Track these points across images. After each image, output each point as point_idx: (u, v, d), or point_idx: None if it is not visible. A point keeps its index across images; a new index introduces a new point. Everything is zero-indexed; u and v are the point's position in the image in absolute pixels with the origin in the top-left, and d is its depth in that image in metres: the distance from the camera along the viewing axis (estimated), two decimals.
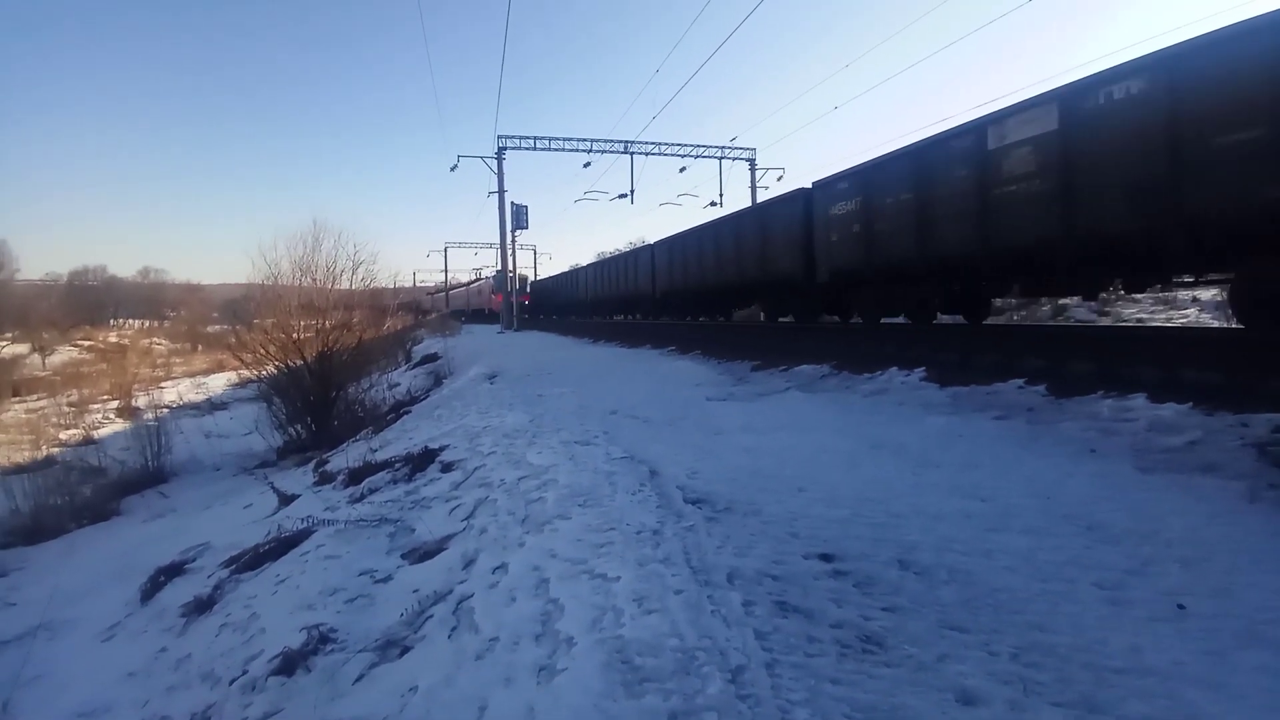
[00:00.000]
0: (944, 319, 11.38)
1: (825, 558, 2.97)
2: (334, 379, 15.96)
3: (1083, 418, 5.00)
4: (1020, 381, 6.01)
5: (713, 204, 31.77)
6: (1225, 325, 8.04)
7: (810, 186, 13.28)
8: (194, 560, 6.93)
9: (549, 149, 31.31)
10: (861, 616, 2.46)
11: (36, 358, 54.41)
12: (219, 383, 35.42)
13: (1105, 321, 12.56)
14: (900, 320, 11.30)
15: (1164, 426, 4.48)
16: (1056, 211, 7.82)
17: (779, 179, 33.57)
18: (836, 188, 12.15)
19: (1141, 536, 3.04)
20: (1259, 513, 3.27)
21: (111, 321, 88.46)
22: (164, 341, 65.44)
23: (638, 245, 36.03)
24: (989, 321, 10.66)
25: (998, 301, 12.26)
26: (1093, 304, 13.61)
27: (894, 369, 7.42)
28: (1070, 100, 7.77)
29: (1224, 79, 6.35)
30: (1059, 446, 4.54)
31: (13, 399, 33.72)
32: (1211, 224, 6.47)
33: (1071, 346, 6.78)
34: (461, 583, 3.41)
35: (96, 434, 21.02)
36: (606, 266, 30.46)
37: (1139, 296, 13.16)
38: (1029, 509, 3.45)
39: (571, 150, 31.35)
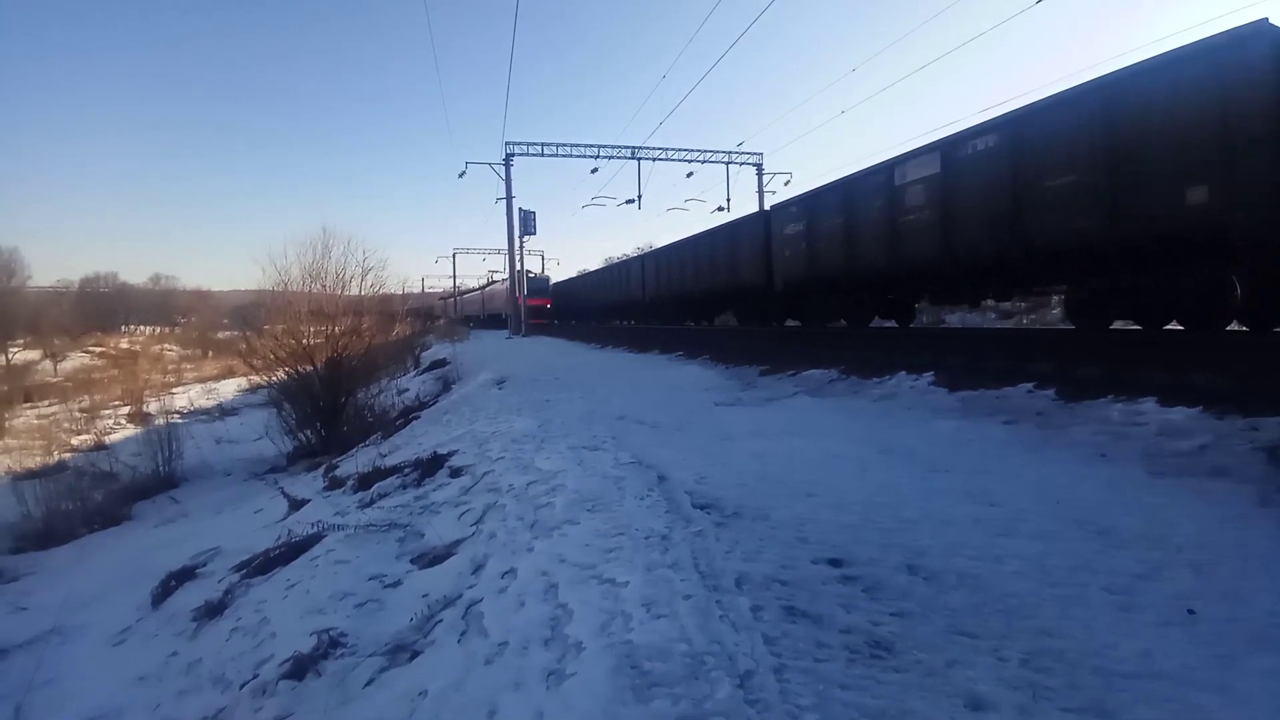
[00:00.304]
0: (954, 323, 12.20)
1: (834, 563, 2.97)
2: (343, 384, 16.01)
3: (1093, 422, 4.98)
4: (1029, 385, 5.99)
5: (720, 209, 31.85)
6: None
7: (769, 209, 16.19)
8: (205, 565, 6.95)
9: (556, 155, 31.48)
10: (870, 622, 2.46)
11: (48, 364, 54.81)
12: (230, 389, 35.57)
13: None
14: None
15: (1174, 430, 4.45)
16: (939, 237, 10.25)
17: (786, 183, 33.62)
18: (788, 211, 14.68)
19: (1152, 541, 3.02)
20: (1270, 517, 3.26)
21: (123, 328, 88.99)
22: (175, 348, 65.86)
23: (645, 249, 36.63)
24: (1001, 326, 12.30)
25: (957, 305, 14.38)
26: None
27: (903, 373, 7.40)
28: (948, 149, 10.15)
29: (1048, 138, 8.68)
30: (1069, 451, 4.53)
31: (25, 405, 33.93)
32: (1041, 248, 8.75)
33: (1081, 350, 6.78)
34: (471, 587, 3.42)
35: (108, 440, 21.12)
36: (615, 272, 31.15)
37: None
38: (1039, 514, 3.44)
39: (579, 156, 31.50)
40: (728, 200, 32.14)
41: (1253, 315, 7.79)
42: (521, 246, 34.33)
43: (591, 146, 31.28)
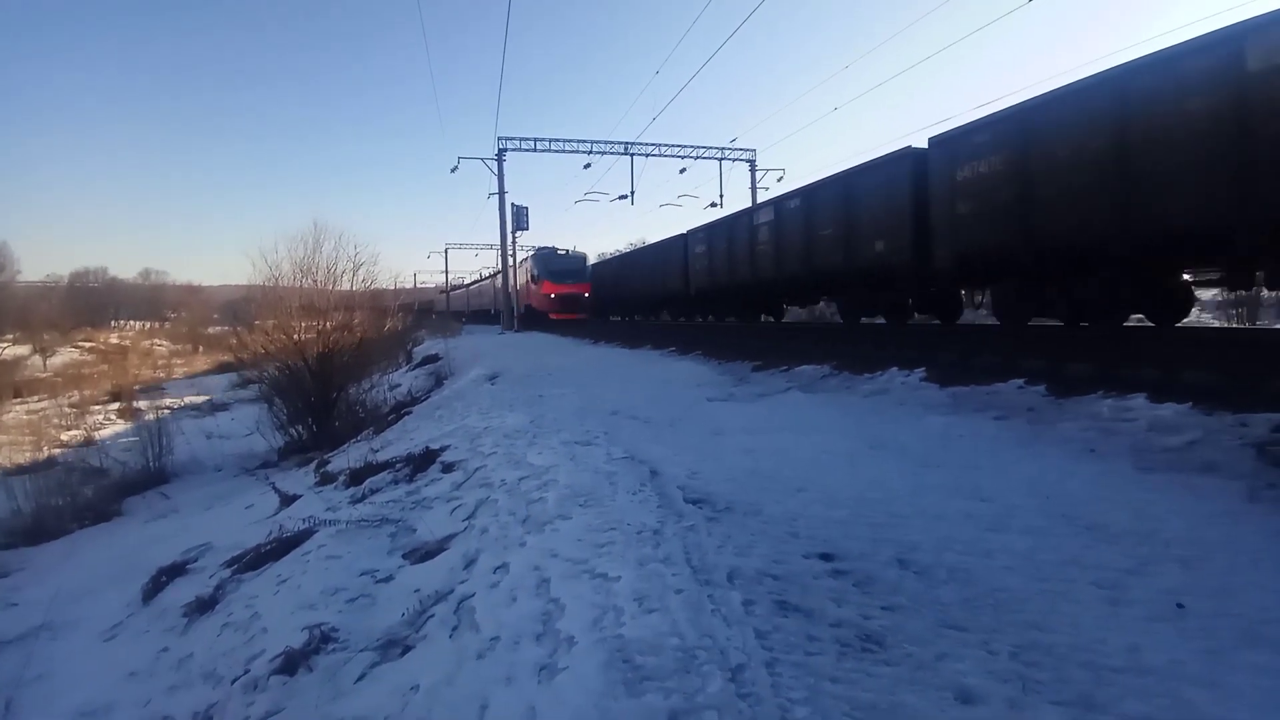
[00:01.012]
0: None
1: (825, 557, 2.98)
2: (335, 380, 15.98)
3: (1083, 417, 5.00)
4: (1020, 381, 6.01)
5: (713, 204, 31.86)
6: (1225, 325, 8.07)
7: (686, 233, 21.00)
8: (196, 560, 6.94)
9: (549, 150, 31.40)
10: (861, 615, 2.47)
11: (38, 359, 54.46)
12: (220, 384, 35.44)
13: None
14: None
15: (1163, 426, 4.48)
16: (775, 263, 15.34)
17: (779, 180, 33.65)
18: (697, 235, 20.01)
19: (1140, 536, 3.04)
20: (1258, 513, 3.28)
21: (112, 323, 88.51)
22: (165, 343, 65.50)
23: (638, 245, 36.54)
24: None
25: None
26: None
27: (894, 369, 7.42)
28: (778, 204, 15.26)
29: (819, 205, 13.69)
30: (1059, 446, 4.55)
31: (14, 400, 33.73)
32: (821, 274, 13.72)
33: (1071, 347, 6.81)
34: (463, 582, 3.42)
35: (98, 435, 21.05)
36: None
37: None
38: (1029, 509, 3.46)
39: (572, 151, 31.44)
40: (720, 196, 32.16)
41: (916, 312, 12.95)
42: (514, 242, 34.29)
43: (584, 142, 31.23)
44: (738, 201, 32.65)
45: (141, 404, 25.30)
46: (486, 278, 52.11)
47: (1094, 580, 2.66)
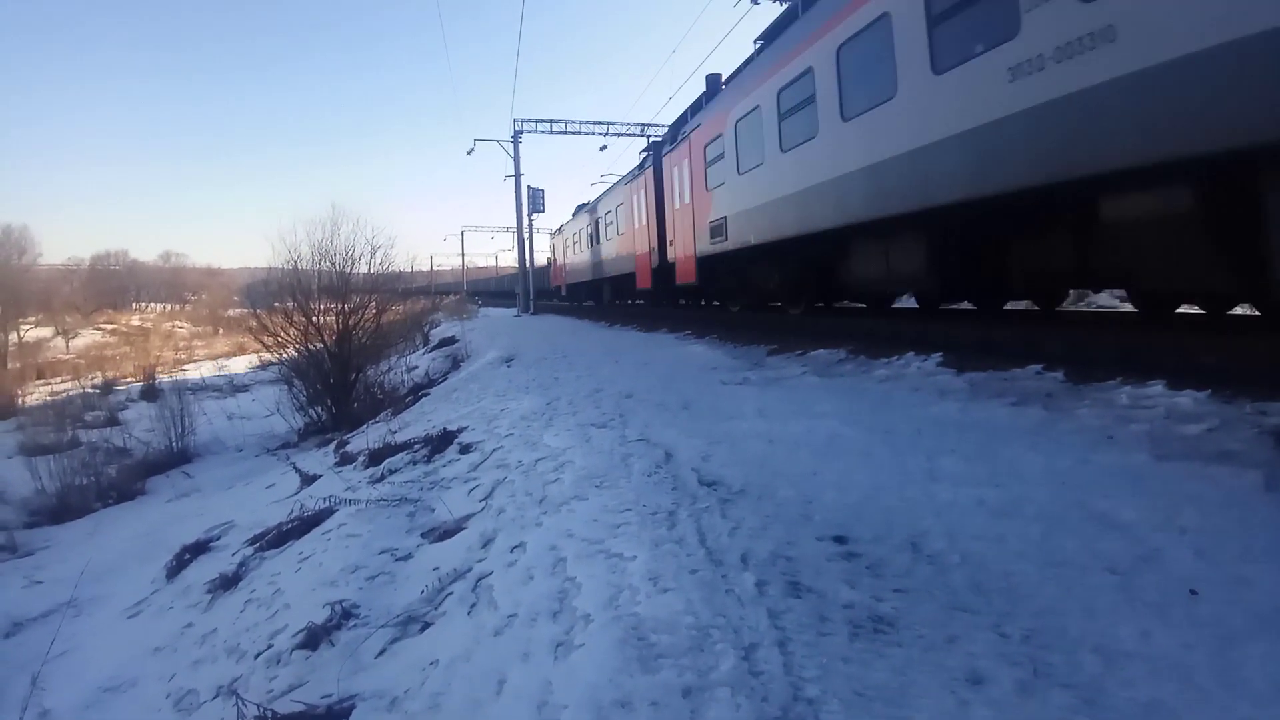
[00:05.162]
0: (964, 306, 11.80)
1: (838, 540, 3.00)
2: (353, 362, 16.16)
3: (1100, 404, 4.97)
4: (1038, 367, 5.97)
5: None
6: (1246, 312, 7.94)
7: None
8: (218, 538, 7.06)
9: (565, 132, 31.32)
10: (873, 598, 2.49)
11: (60, 341, 55.24)
12: (240, 365, 35.81)
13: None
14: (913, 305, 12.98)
15: (1181, 414, 4.44)
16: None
17: None
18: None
19: (1155, 524, 3.04)
20: (1275, 502, 3.26)
21: (134, 305, 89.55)
22: (186, 325, 66.23)
23: None
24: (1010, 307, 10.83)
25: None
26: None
27: (911, 354, 7.38)
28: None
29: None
30: (1076, 434, 4.53)
31: (38, 381, 34.27)
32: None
33: (1092, 331, 6.76)
34: (480, 561, 3.47)
35: (120, 416, 21.37)
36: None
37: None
38: (1043, 496, 3.45)
39: (588, 133, 31.41)
40: None
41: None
42: (531, 224, 34.27)
43: (600, 123, 31.16)
44: None
45: (163, 385, 25.65)
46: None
47: (1107, 566, 2.66)
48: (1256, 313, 6.94)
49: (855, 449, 4.45)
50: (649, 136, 30.85)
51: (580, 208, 28.83)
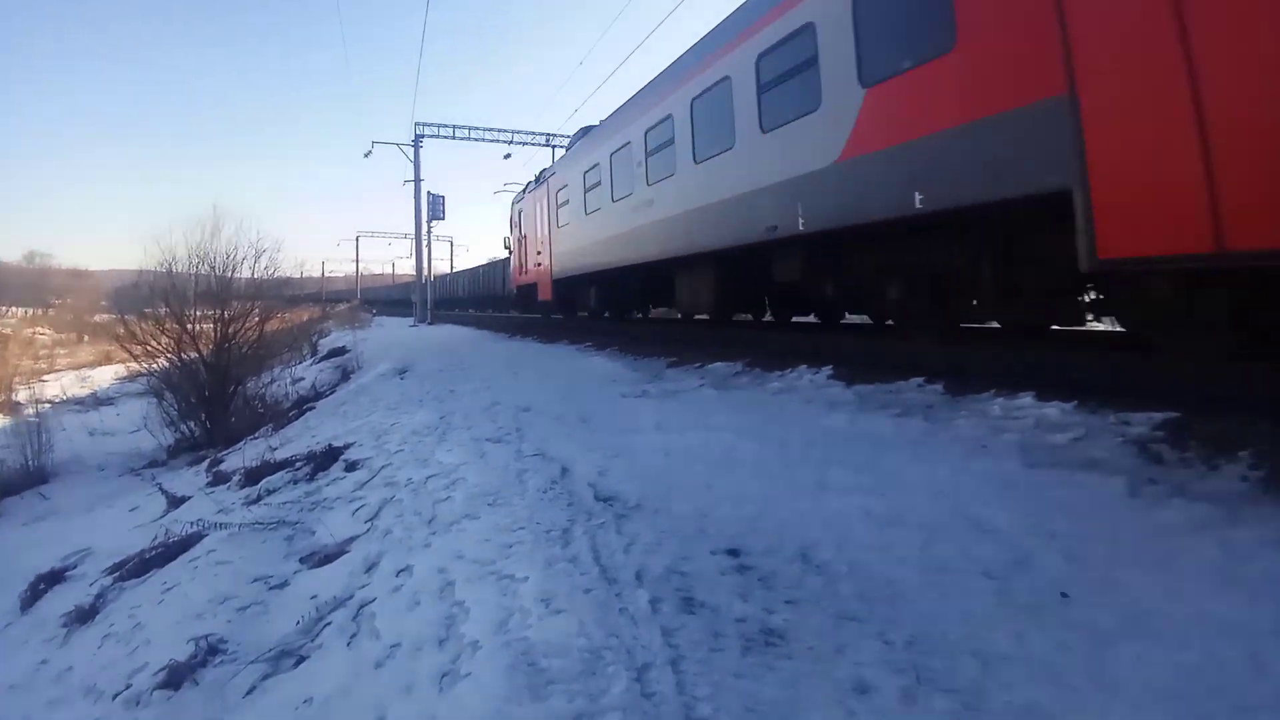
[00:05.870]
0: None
1: (732, 553, 3.02)
2: (232, 373, 15.25)
3: (976, 415, 5.23)
4: (920, 380, 6.24)
5: None
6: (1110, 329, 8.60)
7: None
8: (75, 567, 6.52)
9: (469, 139, 30.84)
10: (765, 610, 2.51)
11: None
12: (106, 376, 33.16)
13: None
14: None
15: (1049, 424, 4.74)
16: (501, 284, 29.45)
17: None
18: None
19: (1027, 529, 3.20)
20: (1138, 507, 3.49)
21: None
22: (48, 331, 60.96)
23: None
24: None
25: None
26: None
27: (803, 367, 7.59)
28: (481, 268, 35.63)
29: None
30: (953, 444, 4.75)
31: None
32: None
33: (970, 346, 7.14)
34: (363, 587, 3.30)
35: None
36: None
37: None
38: (924, 505, 3.59)
39: (492, 141, 31.07)
40: None
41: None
42: (430, 231, 33.46)
43: (505, 131, 30.88)
44: None
45: (20, 397, 23.57)
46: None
47: (983, 571, 2.78)
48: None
49: (750, 461, 4.52)
50: (554, 146, 30.78)
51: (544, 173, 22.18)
